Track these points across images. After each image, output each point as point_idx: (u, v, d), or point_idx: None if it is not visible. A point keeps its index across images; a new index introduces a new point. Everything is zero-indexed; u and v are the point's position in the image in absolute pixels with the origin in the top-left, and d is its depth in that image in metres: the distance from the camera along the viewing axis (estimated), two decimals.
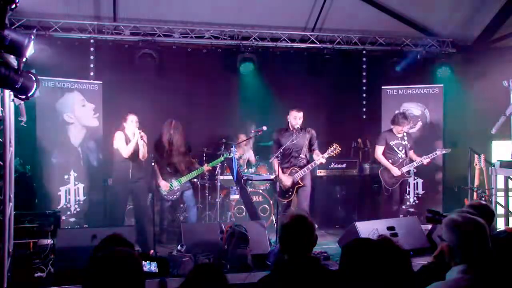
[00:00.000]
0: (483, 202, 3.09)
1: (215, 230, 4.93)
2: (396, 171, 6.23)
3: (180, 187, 6.10)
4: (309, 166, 5.87)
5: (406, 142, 6.30)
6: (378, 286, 1.72)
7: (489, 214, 2.92)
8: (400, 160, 6.28)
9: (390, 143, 6.32)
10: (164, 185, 6.01)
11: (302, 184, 5.85)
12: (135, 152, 5.55)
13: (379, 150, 6.39)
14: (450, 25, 7.70)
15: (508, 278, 2.08)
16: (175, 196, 6.12)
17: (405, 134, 6.34)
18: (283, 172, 5.89)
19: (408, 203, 7.20)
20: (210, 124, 7.52)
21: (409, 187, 7.04)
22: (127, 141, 5.56)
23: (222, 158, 6.32)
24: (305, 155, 5.94)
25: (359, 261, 1.78)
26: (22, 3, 3.47)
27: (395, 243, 1.82)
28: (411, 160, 6.28)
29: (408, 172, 6.31)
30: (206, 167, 6.30)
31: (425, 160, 6.20)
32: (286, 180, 5.86)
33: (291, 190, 5.90)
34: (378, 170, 6.49)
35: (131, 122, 5.55)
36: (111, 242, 2.27)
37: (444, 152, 6.35)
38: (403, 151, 6.29)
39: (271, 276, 2.35)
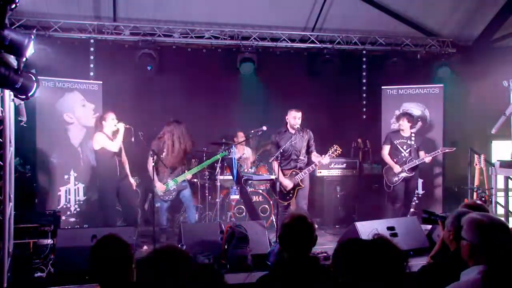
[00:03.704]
0: (478, 202, 3.09)
1: (215, 230, 4.93)
2: (397, 168, 6.32)
3: (177, 186, 6.10)
4: (309, 168, 5.87)
5: (413, 142, 6.38)
6: (372, 286, 1.73)
7: None
8: (404, 159, 6.36)
9: (395, 142, 6.45)
10: (159, 186, 6.00)
11: (302, 186, 5.87)
12: (121, 148, 5.68)
13: (385, 149, 6.52)
14: (450, 25, 7.70)
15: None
16: (171, 196, 6.10)
17: (413, 134, 6.43)
18: (283, 174, 5.88)
19: None
20: (210, 124, 7.51)
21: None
22: (110, 138, 5.62)
23: (218, 156, 6.25)
24: (305, 156, 5.95)
25: (348, 261, 1.79)
26: (22, 3, 3.48)
27: (391, 243, 1.82)
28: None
29: (412, 170, 6.31)
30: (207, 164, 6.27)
31: (427, 158, 6.26)
32: (287, 182, 5.85)
33: (291, 192, 5.90)
34: (379, 170, 6.53)
35: (112, 120, 5.61)
36: (108, 242, 2.28)
37: (447, 150, 6.39)
38: (408, 150, 6.37)
39: (270, 276, 2.35)
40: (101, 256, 2.23)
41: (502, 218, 5.72)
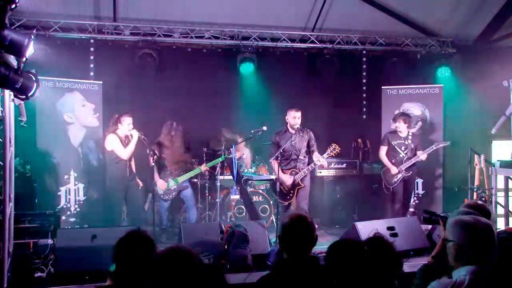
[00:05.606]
0: (479, 202, 3.09)
1: (215, 230, 4.93)
2: (394, 170, 6.28)
3: (177, 186, 6.10)
4: (309, 167, 5.88)
5: (410, 142, 6.33)
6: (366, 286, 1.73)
7: (485, 214, 2.92)
8: (403, 160, 6.31)
9: (392, 143, 6.39)
10: (161, 184, 6.01)
11: (302, 185, 5.86)
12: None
13: (382, 150, 6.48)
14: (450, 25, 7.70)
15: (510, 278, 2.08)
16: (171, 196, 6.13)
17: (410, 134, 6.38)
18: (283, 173, 5.88)
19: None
20: (210, 124, 7.50)
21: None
22: (122, 142, 5.60)
23: (220, 159, 6.31)
24: (305, 156, 5.95)
25: (339, 263, 1.79)
26: (22, 3, 3.48)
27: (385, 243, 1.82)
28: None
29: (409, 169, 6.29)
30: (203, 167, 6.31)
31: (423, 155, 6.20)
32: (287, 181, 5.86)
33: (291, 191, 5.90)
34: (379, 170, 6.51)
35: (128, 125, 5.60)
36: (134, 237, 2.25)
37: (442, 145, 6.34)
38: (406, 151, 6.32)
39: (270, 276, 2.35)
40: (129, 251, 2.16)
41: (502, 218, 5.77)
